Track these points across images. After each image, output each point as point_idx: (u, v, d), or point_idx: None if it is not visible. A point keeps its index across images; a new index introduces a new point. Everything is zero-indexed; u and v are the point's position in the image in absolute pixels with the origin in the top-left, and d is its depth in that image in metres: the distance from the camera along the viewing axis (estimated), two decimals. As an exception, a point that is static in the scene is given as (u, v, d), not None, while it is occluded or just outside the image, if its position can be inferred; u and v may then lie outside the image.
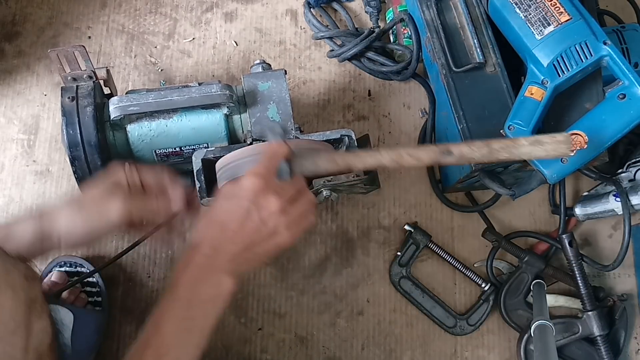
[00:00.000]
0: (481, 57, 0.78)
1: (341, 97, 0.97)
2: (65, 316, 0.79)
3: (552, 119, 0.72)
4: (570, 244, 0.84)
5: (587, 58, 0.68)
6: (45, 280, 0.84)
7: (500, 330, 0.89)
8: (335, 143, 0.76)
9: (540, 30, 0.70)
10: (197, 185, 0.71)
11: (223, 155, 0.71)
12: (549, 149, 0.60)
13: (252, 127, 0.75)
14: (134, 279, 0.87)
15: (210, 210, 0.61)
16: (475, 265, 0.91)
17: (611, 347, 0.83)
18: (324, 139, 0.74)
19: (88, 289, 0.84)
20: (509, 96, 0.77)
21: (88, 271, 0.85)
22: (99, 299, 0.84)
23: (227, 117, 0.76)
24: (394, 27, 0.94)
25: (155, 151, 0.76)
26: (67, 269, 0.85)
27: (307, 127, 0.95)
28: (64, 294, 0.81)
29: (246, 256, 0.58)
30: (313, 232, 0.91)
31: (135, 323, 0.86)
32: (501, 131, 0.70)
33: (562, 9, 0.70)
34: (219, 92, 0.73)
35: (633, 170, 0.84)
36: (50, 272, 0.85)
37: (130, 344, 0.84)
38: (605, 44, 0.68)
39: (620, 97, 0.68)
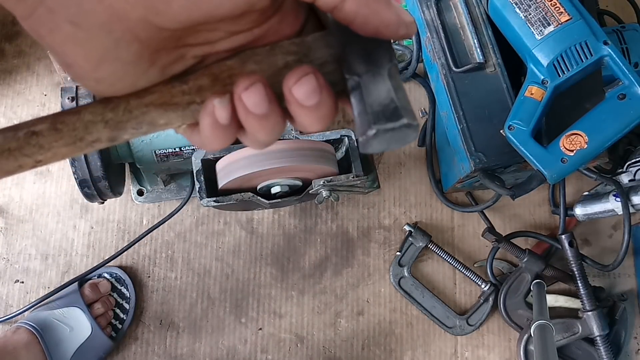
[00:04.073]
0: (481, 57, 0.77)
1: (341, 97, 0.97)
2: (84, 327, 0.79)
3: (552, 118, 0.72)
4: (570, 244, 0.84)
5: (587, 58, 0.68)
6: (90, 281, 0.84)
7: (500, 330, 0.89)
8: (335, 143, 0.76)
9: (540, 30, 0.70)
10: (197, 185, 0.71)
11: (223, 156, 0.71)
12: None
13: (252, 127, 0.75)
14: (134, 279, 0.87)
15: None
16: (475, 265, 0.91)
17: (611, 347, 0.83)
18: (324, 139, 0.74)
19: (117, 310, 0.85)
20: (509, 96, 0.77)
21: (129, 294, 0.86)
22: (120, 326, 0.84)
23: (227, 117, 0.76)
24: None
25: (155, 151, 0.76)
26: (114, 282, 0.86)
27: (307, 127, 0.95)
28: (96, 304, 0.82)
29: None
30: (313, 232, 0.91)
31: (135, 323, 0.86)
32: (501, 131, 0.70)
33: (562, 9, 0.70)
34: (219, 92, 0.73)
35: (633, 170, 0.84)
36: (100, 276, 0.85)
37: (129, 343, 0.85)
38: (605, 43, 0.68)
39: (620, 97, 0.68)
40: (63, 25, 0.25)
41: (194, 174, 0.71)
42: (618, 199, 0.81)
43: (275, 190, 0.73)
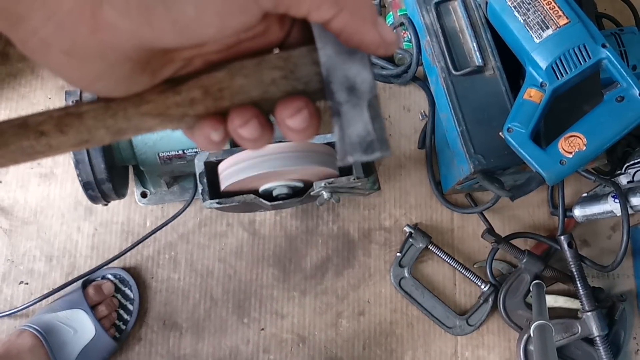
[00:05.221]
0: (480, 61, 0.78)
1: (342, 100, 0.97)
2: (87, 329, 0.79)
3: (550, 121, 0.73)
4: (569, 245, 0.84)
5: (585, 61, 0.69)
6: (94, 282, 0.85)
7: (500, 331, 0.90)
8: (336, 145, 0.77)
9: (539, 34, 0.70)
10: (200, 187, 0.72)
11: (225, 158, 0.72)
12: None
13: (254, 130, 0.76)
14: (137, 280, 0.88)
15: None
16: (475, 266, 0.92)
17: (610, 347, 0.83)
18: (325, 141, 0.75)
19: (121, 312, 0.85)
20: (508, 99, 0.78)
21: (132, 295, 0.87)
22: (124, 327, 0.85)
23: (229, 120, 0.77)
24: (394, 30, 0.95)
25: (158, 154, 0.77)
26: (118, 284, 0.86)
27: (308, 129, 0.96)
28: (100, 306, 0.82)
29: None
30: (314, 233, 0.92)
31: (138, 324, 0.87)
32: (500, 133, 0.71)
33: (560, 13, 0.70)
34: (221, 96, 0.73)
35: (631, 171, 0.85)
36: (104, 277, 0.86)
37: (133, 344, 0.86)
38: (603, 46, 0.69)
39: (619, 99, 0.69)
40: (57, 55, 0.26)
41: (197, 176, 0.72)
42: (617, 201, 0.81)
43: (277, 192, 0.74)
